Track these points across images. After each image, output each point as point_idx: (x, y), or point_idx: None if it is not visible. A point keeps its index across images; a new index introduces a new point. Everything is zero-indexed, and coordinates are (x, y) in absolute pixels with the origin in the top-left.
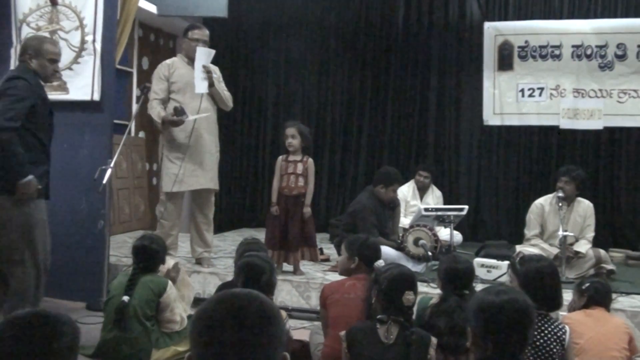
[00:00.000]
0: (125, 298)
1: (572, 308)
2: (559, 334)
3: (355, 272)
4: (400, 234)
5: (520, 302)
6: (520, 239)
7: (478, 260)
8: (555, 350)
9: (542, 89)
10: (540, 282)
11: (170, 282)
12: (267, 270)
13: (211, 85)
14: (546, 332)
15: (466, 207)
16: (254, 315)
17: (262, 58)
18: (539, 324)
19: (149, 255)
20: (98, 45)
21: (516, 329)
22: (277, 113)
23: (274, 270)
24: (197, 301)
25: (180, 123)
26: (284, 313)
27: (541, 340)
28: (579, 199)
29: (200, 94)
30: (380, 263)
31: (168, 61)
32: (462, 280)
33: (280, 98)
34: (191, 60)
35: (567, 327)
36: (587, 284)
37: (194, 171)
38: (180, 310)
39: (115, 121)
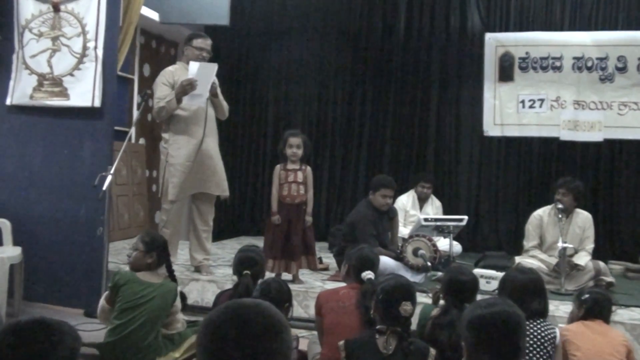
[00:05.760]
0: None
1: (571, 319)
2: (543, 335)
3: (347, 280)
4: (400, 244)
5: (510, 313)
6: (519, 250)
7: (477, 271)
8: (535, 352)
9: (542, 100)
10: (518, 291)
11: (177, 286)
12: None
13: (215, 95)
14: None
15: (466, 217)
16: (260, 327)
17: (263, 66)
18: None
19: (159, 243)
20: (100, 52)
21: (508, 340)
22: (277, 121)
23: (291, 298)
24: (195, 309)
25: (193, 85)
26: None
27: None
28: (578, 210)
29: (204, 101)
30: (366, 274)
31: (171, 68)
32: (466, 292)
33: (280, 106)
34: None
35: (556, 330)
36: (587, 295)
37: (198, 175)
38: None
39: (116, 128)
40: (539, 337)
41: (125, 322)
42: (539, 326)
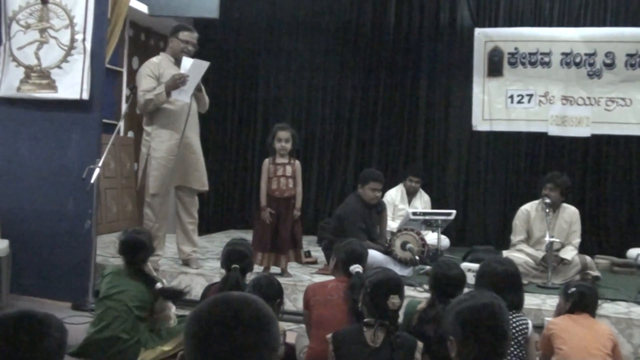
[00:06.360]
0: (159, 284)
1: (557, 312)
2: (515, 327)
3: (335, 273)
4: (388, 238)
5: (494, 302)
6: (507, 244)
7: (465, 265)
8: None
9: (531, 95)
10: (496, 282)
11: (164, 281)
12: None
13: (199, 90)
14: None
15: (454, 211)
16: (247, 319)
17: (252, 60)
18: None
19: (138, 246)
20: (88, 44)
21: (496, 328)
22: (266, 115)
23: (282, 294)
24: (183, 302)
25: (185, 81)
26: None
27: None
28: (565, 205)
29: (190, 97)
30: (355, 268)
31: (155, 60)
32: (453, 287)
33: (270, 100)
34: (177, 61)
35: (528, 322)
36: (573, 289)
37: (180, 168)
38: (172, 307)
39: (104, 120)
40: (512, 329)
41: (101, 313)
42: (511, 318)
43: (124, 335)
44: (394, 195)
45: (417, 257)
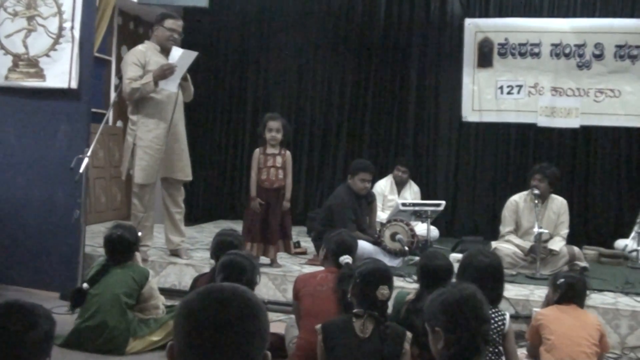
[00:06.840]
0: (85, 286)
1: (546, 303)
2: (492, 324)
3: (325, 264)
4: (378, 229)
5: (476, 291)
6: (496, 235)
7: (454, 256)
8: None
9: (520, 86)
10: (480, 274)
11: (151, 272)
12: (249, 269)
13: (185, 79)
14: None
15: (443, 202)
16: (236, 310)
17: (242, 50)
18: None
19: (122, 246)
20: (76, 33)
21: (481, 316)
22: (256, 105)
23: (256, 268)
24: (173, 292)
25: (173, 71)
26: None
27: None
28: (553, 196)
29: (176, 86)
30: (344, 259)
31: (141, 47)
32: (439, 277)
33: (259, 90)
34: (163, 49)
35: (506, 317)
36: (561, 280)
37: (165, 159)
38: (161, 297)
39: (93, 110)
40: None
41: (88, 302)
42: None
43: (111, 322)
44: (384, 186)
45: (406, 248)
